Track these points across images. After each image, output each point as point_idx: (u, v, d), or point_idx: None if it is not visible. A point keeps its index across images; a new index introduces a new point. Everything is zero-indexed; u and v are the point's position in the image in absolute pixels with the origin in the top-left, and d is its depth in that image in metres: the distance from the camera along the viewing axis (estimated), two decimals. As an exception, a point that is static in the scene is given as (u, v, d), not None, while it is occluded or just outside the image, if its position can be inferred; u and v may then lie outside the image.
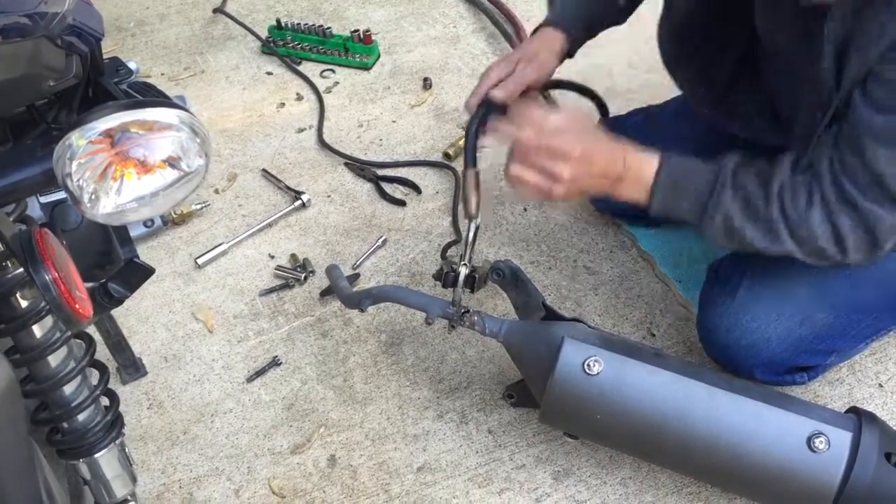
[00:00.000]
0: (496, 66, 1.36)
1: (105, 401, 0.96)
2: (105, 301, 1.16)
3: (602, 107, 1.55)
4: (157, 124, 0.67)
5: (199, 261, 1.78)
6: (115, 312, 1.46)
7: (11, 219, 0.79)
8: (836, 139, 1.11)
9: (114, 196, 0.68)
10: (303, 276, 1.73)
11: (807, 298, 1.30)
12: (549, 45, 1.38)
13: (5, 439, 0.54)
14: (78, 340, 0.93)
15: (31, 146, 0.69)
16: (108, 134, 0.66)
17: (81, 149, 0.65)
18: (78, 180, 0.66)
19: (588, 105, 1.56)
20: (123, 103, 0.66)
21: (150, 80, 2.21)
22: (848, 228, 1.12)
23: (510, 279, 1.39)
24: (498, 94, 1.32)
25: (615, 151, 1.21)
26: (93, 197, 0.67)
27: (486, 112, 1.32)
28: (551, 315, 1.36)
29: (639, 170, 1.21)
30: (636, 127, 1.55)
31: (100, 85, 1.15)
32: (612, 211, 1.75)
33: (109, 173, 0.66)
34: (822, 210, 1.12)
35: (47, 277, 0.70)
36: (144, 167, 0.68)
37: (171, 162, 0.69)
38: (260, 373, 1.59)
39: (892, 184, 1.08)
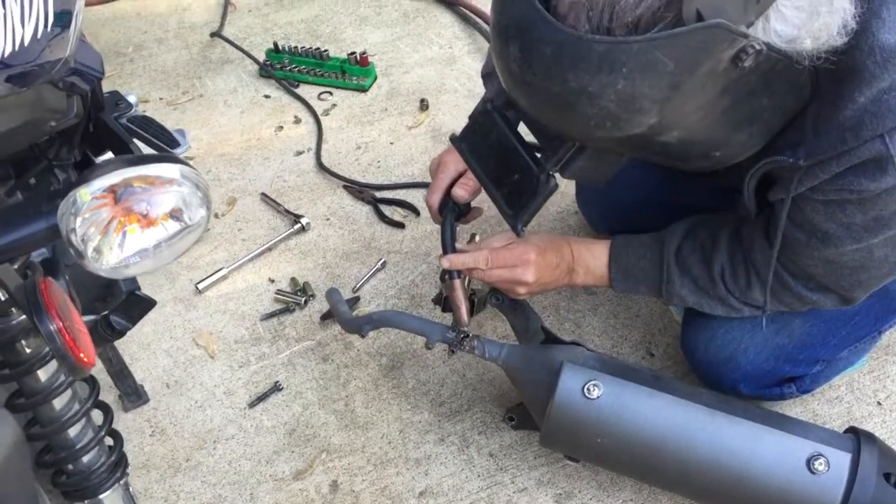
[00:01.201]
0: (449, 157, 1.36)
1: (109, 441, 0.97)
2: (107, 333, 1.18)
3: None
4: (159, 179, 0.68)
5: (200, 286, 1.79)
6: (117, 340, 1.46)
7: (15, 267, 0.80)
8: (768, 233, 1.18)
9: (117, 250, 0.69)
10: (303, 300, 1.74)
11: None
12: None
13: (13, 494, 0.55)
14: (82, 382, 0.94)
15: (36, 202, 0.70)
16: (112, 189, 0.67)
17: (86, 205, 0.66)
18: (82, 235, 0.67)
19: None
20: (127, 159, 0.67)
21: (148, 104, 2.24)
22: (790, 300, 1.23)
23: (509, 303, 1.40)
24: (462, 195, 1.33)
25: (559, 242, 1.35)
26: (96, 251, 0.68)
27: (453, 215, 1.33)
28: (550, 338, 1.37)
29: (586, 259, 1.36)
30: None
31: (100, 120, 1.17)
32: (608, 230, 1.76)
33: (112, 227, 0.67)
34: (760, 289, 1.22)
35: (52, 327, 0.71)
36: (147, 221, 0.69)
37: (174, 215, 0.70)
38: (261, 398, 1.60)
39: (823, 279, 1.18)
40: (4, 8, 0.63)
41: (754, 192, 1.14)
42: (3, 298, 0.80)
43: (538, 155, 1.06)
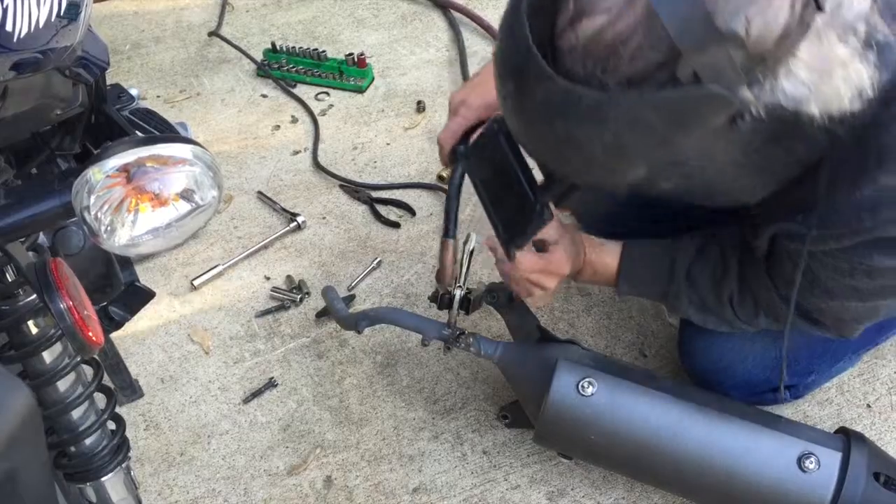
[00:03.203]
0: (473, 96, 1.27)
1: (111, 425, 0.98)
2: (106, 324, 1.18)
3: None
4: (171, 159, 0.69)
5: (196, 282, 1.79)
6: (112, 334, 1.47)
7: (24, 247, 0.81)
8: (771, 275, 1.17)
9: (129, 228, 0.70)
10: (298, 297, 1.75)
11: None
12: None
13: (30, 465, 0.56)
14: (86, 366, 0.95)
15: (49, 180, 0.71)
16: (125, 169, 0.68)
17: (99, 183, 0.67)
18: (95, 213, 0.68)
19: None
20: (139, 139, 0.68)
21: (145, 102, 2.24)
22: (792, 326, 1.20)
23: (505, 301, 1.41)
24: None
25: (579, 249, 1.32)
26: (109, 229, 0.69)
27: (465, 167, 1.24)
28: (545, 337, 1.38)
29: (595, 265, 1.34)
30: None
31: (103, 112, 1.18)
32: (604, 235, 1.77)
33: (125, 206, 0.69)
34: (766, 317, 1.22)
35: (62, 306, 0.71)
36: (159, 200, 0.70)
37: (185, 195, 0.71)
38: (256, 394, 1.60)
39: (823, 319, 1.17)
40: (23, -12, 0.64)
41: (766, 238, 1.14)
42: (13, 277, 0.80)
43: (538, 183, 1.04)
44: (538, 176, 1.05)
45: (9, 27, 0.64)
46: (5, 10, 0.63)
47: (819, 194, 0.96)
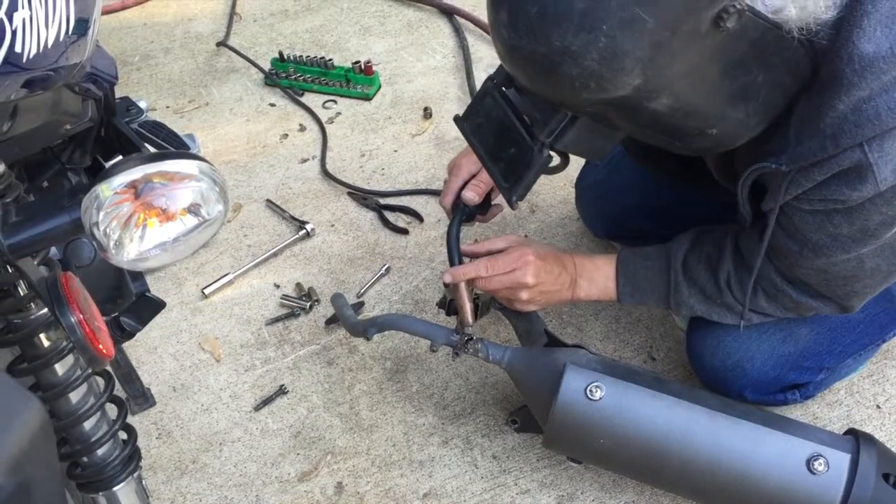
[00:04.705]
0: (464, 160, 1.38)
1: (123, 435, 0.99)
2: (117, 334, 1.20)
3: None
4: (178, 175, 0.71)
5: (206, 291, 1.81)
6: (124, 344, 1.48)
7: (35, 262, 0.82)
8: (762, 241, 1.19)
9: (137, 243, 0.72)
10: (308, 304, 1.76)
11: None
12: None
13: (42, 478, 0.57)
14: (98, 377, 0.96)
15: (59, 197, 0.73)
16: (133, 185, 0.69)
17: (108, 199, 0.69)
18: (104, 229, 0.70)
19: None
20: (147, 156, 0.70)
21: (155, 113, 2.27)
22: (792, 306, 1.25)
23: (512, 306, 1.42)
24: (471, 196, 1.35)
25: (560, 254, 1.36)
26: (117, 244, 0.71)
27: (462, 217, 1.35)
28: (553, 341, 1.38)
29: (590, 271, 1.37)
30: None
31: (112, 125, 1.19)
32: (606, 234, 1.78)
33: (133, 221, 0.70)
34: (764, 297, 1.25)
35: (73, 319, 0.73)
36: (166, 215, 0.71)
37: (192, 209, 0.73)
38: (267, 401, 1.61)
39: (819, 287, 1.20)
40: (31, 10, 0.66)
41: (748, 199, 1.16)
42: (24, 292, 0.82)
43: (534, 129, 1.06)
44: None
45: (18, 48, 0.66)
46: (14, 32, 0.65)
47: (790, 140, 1.00)
